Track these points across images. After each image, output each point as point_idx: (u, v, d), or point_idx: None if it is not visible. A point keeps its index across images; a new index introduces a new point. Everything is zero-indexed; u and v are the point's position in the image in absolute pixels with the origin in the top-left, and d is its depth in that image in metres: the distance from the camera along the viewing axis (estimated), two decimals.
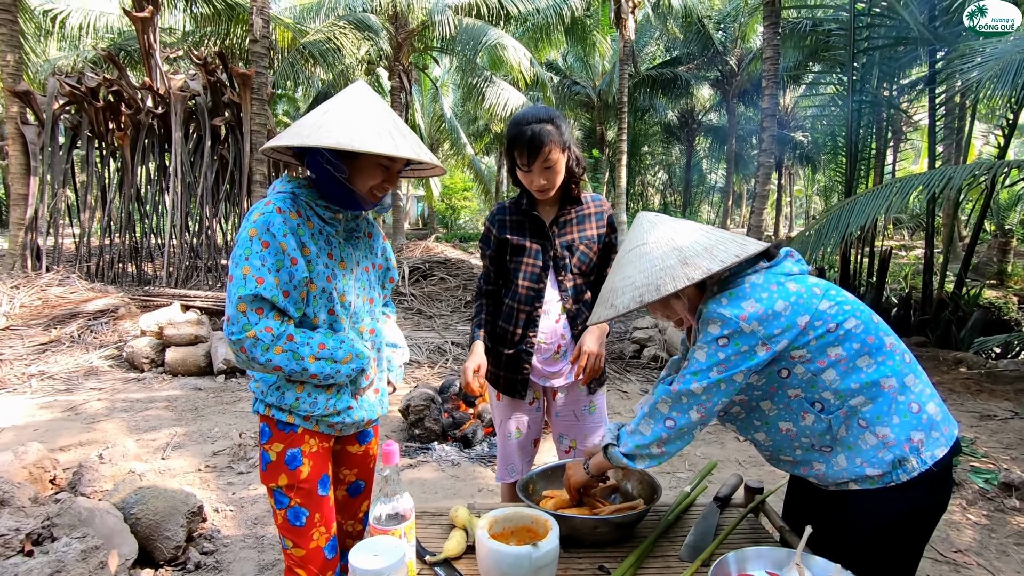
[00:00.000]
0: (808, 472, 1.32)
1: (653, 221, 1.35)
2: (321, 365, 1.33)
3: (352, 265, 1.46)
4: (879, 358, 1.22)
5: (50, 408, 4.17)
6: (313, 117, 1.33)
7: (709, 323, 1.20)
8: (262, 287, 1.26)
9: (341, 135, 1.26)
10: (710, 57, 17.68)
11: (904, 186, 5.20)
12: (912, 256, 14.80)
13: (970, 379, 4.89)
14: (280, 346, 1.28)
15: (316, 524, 1.43)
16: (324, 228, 1.40)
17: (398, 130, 1.35)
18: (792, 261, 1.30)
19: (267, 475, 1.43)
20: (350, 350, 1.39)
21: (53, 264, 8.17)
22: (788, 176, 27.41)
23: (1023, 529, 2.61)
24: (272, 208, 1.32)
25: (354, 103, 1.35)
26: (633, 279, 1.28)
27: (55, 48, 14.36)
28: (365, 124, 1.30)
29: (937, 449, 1.22)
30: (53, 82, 8.25)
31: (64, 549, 1.89)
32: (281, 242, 1.29)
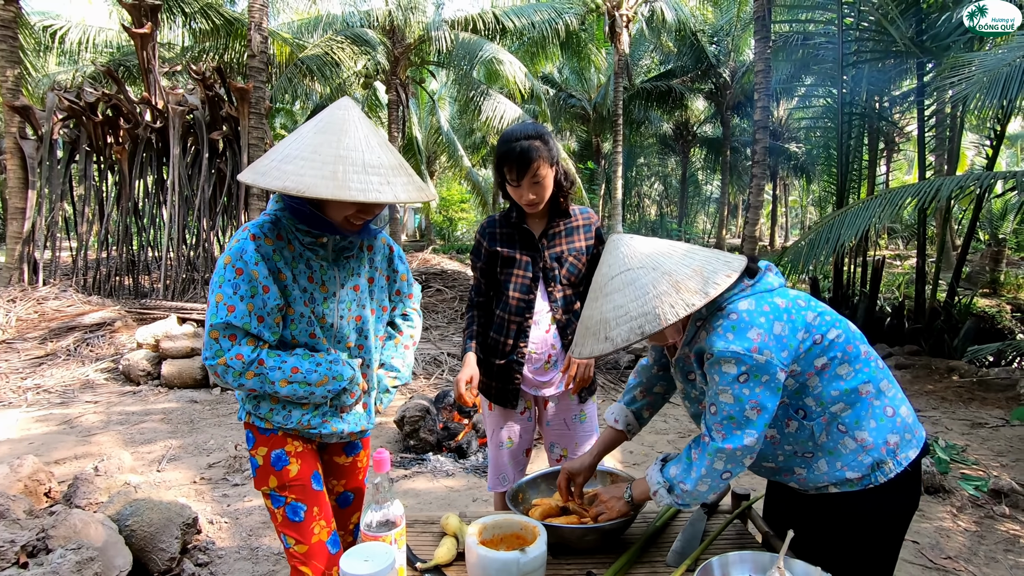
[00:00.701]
0: (790, 478, 1.35)
1: (631, 244, 1.31)
2: (293, 388, 1.36)
3: (335, 288, 1.46)
4: (857, 366, 1.26)
5: (46, 421, 4.17)
6: (281, 149, 1.31)
7: (722, 363, 1.18)
8: (232, 315, 1.30)
9: (288, 178, 1.23)
10: (704, 70, 17.89)
11: (893, 198, 5.28)
12: (906, 265, 14.89)
13: (962, 387, 4.93)
14: (252, 371, 1.32)
15: (316, 518, 1.44)
16: (304, 252, 1.41)
17: (365, 167, 1.29)
18: (772, 274, 1.32)
19: (258, 480, 1.45)
20: (326, 372, 1.39)
21: (50, 277, 8.19)
22: (783, 187, 27.65)
23: (1012, 536, 2.64)
24: (247, 235, 1.34)
25: (324, 132, 1.31)
26: (627, 309, 1.22)
27: (54, 63, 14.48)
28: (323, 163, 1.25)
29: (910, 451, 1.27)
30: (52, 97, 8.32)
31: (59, 561, 1.90)
32: (252, 270, 1.32)
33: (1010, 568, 2.41)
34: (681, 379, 1.40)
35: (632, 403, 1.60)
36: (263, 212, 1.44)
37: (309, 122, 1.35)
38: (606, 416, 1.62)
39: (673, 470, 1.30)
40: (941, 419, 4.20)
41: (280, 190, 1.22)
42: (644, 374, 1.62)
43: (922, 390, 4.97)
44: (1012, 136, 24.07)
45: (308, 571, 1.43)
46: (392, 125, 13.17)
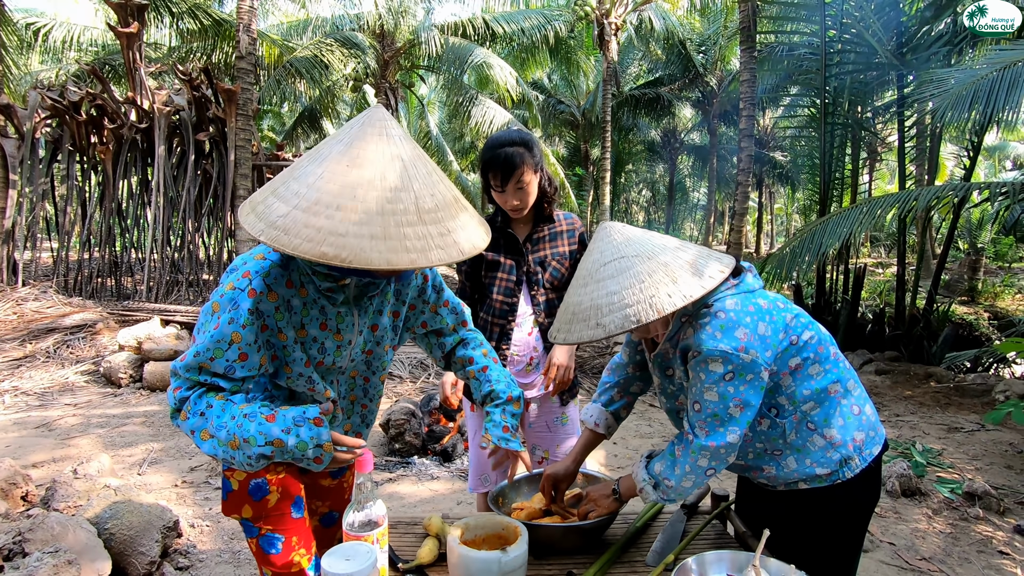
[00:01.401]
0: (759, 475, 1.39)
1: (624, 232, 1.30)
2: (213, 446, 1.12)
3: (351, 335, 1.27)
4: (827, 366, 1.31)
5: (23, 424, 4.10)
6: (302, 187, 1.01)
7: (709, 361, 1.20)
8: (182, 364, 1.14)
9: (325, 241, 0.95)
10: (691, 78, 18.11)
11: (873, 207, 5.39)
12: (888, 273, 15.15)
13: (939, 392, 5.03)
14: (184, 411, 1.14)
15: (295, 547, 1.29)
16: (319, 299, 1.22)
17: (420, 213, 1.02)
18: (752, 275, 1.36)
19: (229, 505, 1.26)
20: (234, 431, 1.10)
21: (30, 278, 8.05)
22: (769, 195, 28.01)
23: (985, 537, 2.70)
24: (246, 286, 1.13)
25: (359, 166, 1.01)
26: (621, 296, 1.20)
27: (37, 61, 14.28)
28: (367, 214, 0.98)
29: (874, 447, 1.33)
30: (35, 95, 8.21)
31: (35, 564, 1.88)
32: (235, 332, 1.11)
33: (983, 568, 2.47)
34: (659, 374, 1.41)
35: (610, 404, 1.62)
36: (267, 252, 1.19)
37: (334, 145, 1.05)
38: (584, 418, 1.64)
39: (658, 467, 1.33)
40: (919, 423, 4.28)
41: (317, 258, 0.94)
42: (619, 373, 1.63)
43: (901, 395, 5.06)
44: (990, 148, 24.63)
45: None
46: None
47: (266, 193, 1.06)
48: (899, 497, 3.03)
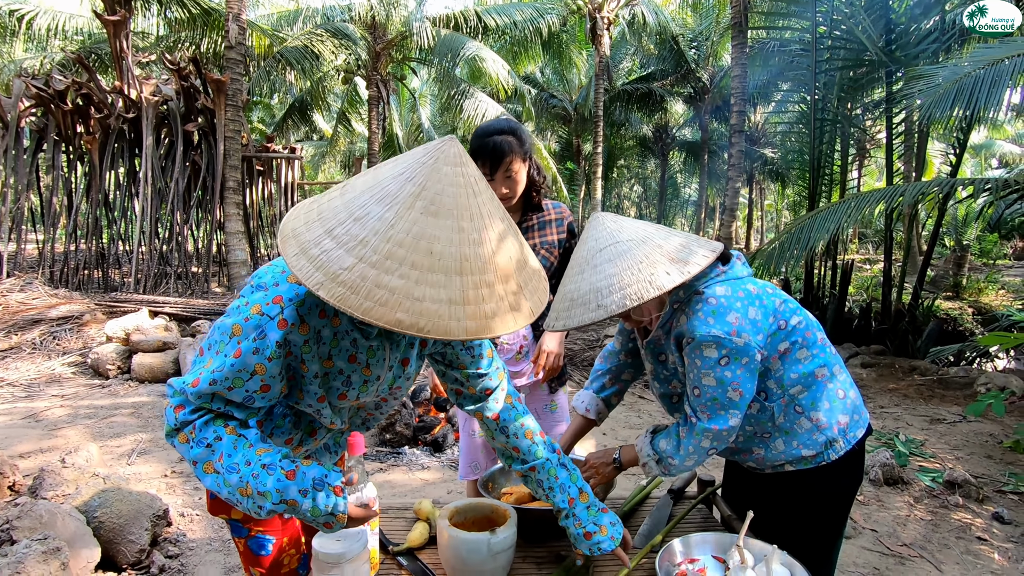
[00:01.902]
0: (748, 457, 1.42)
1: (618, 221, 1.32)
2: (215, 482, 1.02)
3: (381, 371, 1.18)
4: (814, 351, 1.34)
5: (9, 415, 4.06)
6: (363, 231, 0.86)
7: (704, 347, 1.22)
8: (195, 388, 1.02)
9: (400, 307, 0.83)
10: (683, 74, 18.14)
11: (859, 202, 5.45)
12: (875, 269, 15.32)
13: (923, 385, 5.11)
14: (184, 434, 1.04)
15: (285, 548, 1.28)
16: (352, 331, 1.11)
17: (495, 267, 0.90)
18: (740, 263, 1.38)
19: (216, 504, 1.23)
20: (247, 480, 1.00)
21: (15, 270, 7.95)
22: (759, 191, 28.19)
23: (963, 524, 2.76)
24: (277, 315, 1.00)
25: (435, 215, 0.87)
26: (621, 278, 1.21)
27: (21, 49, 14.03)
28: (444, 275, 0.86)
29: (858, 430, 1.37)
30: (19, 83, 8.08)
31: (24, 551, 1.88)
32: (259, 363, 1.00)
33: (961, 554, 2.53)
34: (652, 360, 1.44)
35: (602, 391, 1.65)
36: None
37: (404, 184, 0.89)
38: (575, 404, 1.67)
39: (663, 444, 1.37)
40: (903, 415, 4.36)
41: (391, 326, 0.82)
42: (611, 360, 1.66)
43: (885, 388, 5.14)
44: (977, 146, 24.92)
45: None
46: (372, 122, 13.08)
47: (318, 232, 0.89)
48: (882, 485, 3.09)
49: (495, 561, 1.28)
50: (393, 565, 1.38)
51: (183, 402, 1.04)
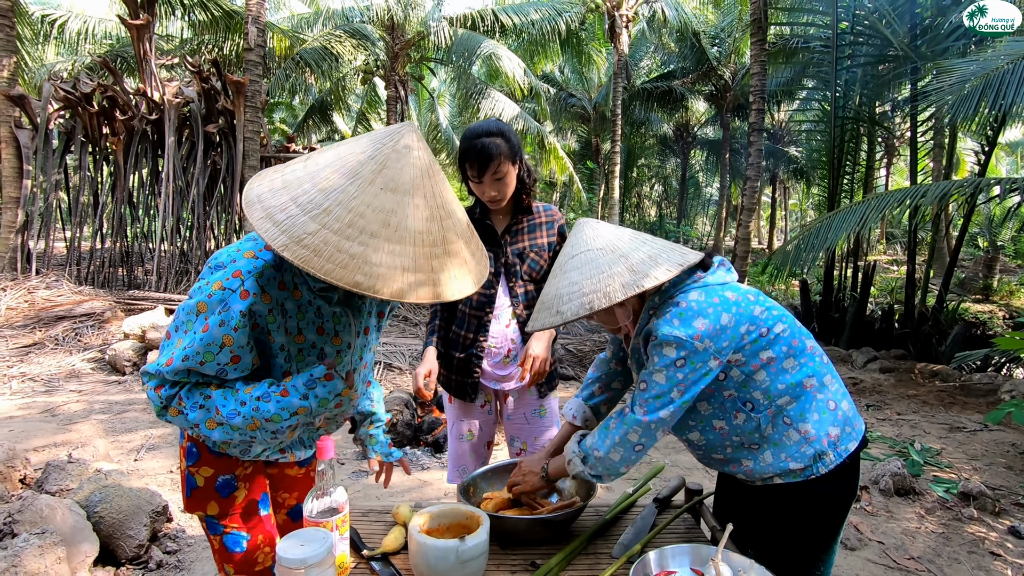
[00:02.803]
0: (737, 469, 1.38)
1: (596, 228, 1.35)
2: (224, 432, 1.11)
3: (349, 338, 1.24)
4: (802, 360, 1.30)
5: (28, 409, 4.19)
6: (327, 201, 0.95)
7: (664, 346, 1.22)
8: (169, 368, 1.08)
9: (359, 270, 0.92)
10: (705, 71, 17.88)
11: (880, 202, 5.30)
12: (902, 271, 14.90)
13: (944, 391, 4.94)
14: (174, 408, 1.11)
15: (260, 546, 1.30)
16: (315, 300, 1.17)
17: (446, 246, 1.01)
18: (724, 270, 1.36)
19: (192, 502, 1.25)
20: (252, 415, 1.09)
21: (43, 267, 8.21)
22: (783, 190, 27.64)
23: (977, 538, 2.66)
24: (238, 287, 1.06)
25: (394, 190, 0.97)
26: (580, 286, 1.27)
27: (54, 53, 14.49)
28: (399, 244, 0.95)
29: (850, 443, 1.31)
30: (48, 87, 8.33)
31: (21, 545, 1.92)
32: (226, 335, 1.06)
33: (972, 569, 2.43)
34: (636, 368, 1.43)
35: (590, 399, 1.63)
36: (258, 250, 1.11)
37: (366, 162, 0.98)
38: (564, 412, 1.64)
39: (590, 440, 1.36)
40: (920, 422, 4.22)
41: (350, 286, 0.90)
42: (602, 368, 1.65)
43: (904, 394, 4.99)
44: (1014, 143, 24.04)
45: None
46: (391, 122, 13.18)
47: (283, 198, 0.97)
48: (892, 496, 2.99)
49: (464, 569, 1.26)
50: (366, 569, 1.37)
51: (161, 382, 1.10)
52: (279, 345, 1.14)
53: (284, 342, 1.14)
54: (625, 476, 3.28)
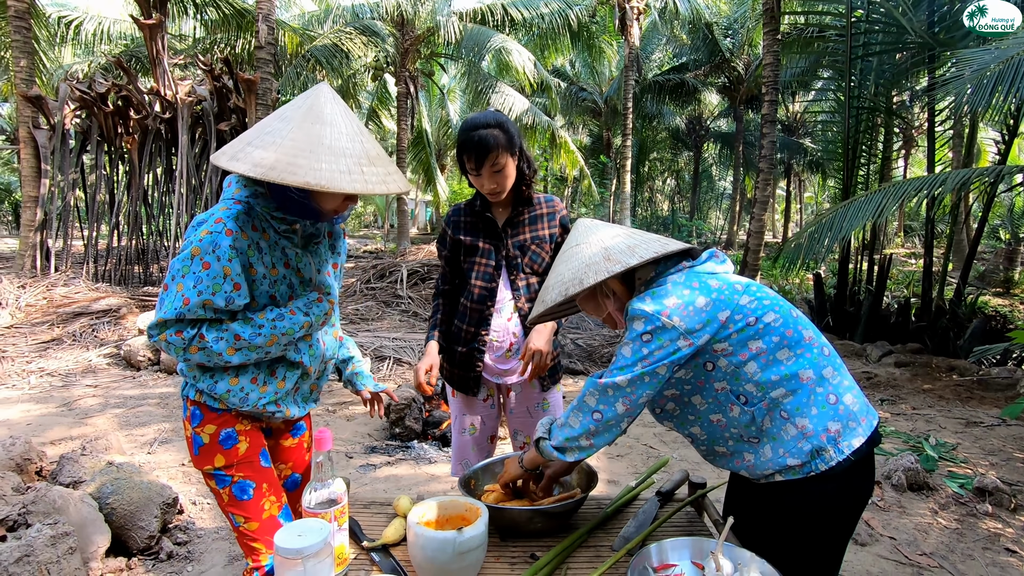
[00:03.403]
0: (740, 465, 1.36)
1: (589, 226, 1.42)
2: (245, 354, 1.33)
3: (310, 274, 1.46)
4: (798, 351, 1.27)
5: (46, 403, 4.28)
6: (274, 135, 1.25)
7: (633, 320, 1.25)
8: (187, 307, 1.26)
9: (310, 171, 1.19)
10: (717, 63, 17.68)
11: (896, 192, 5.18)
12: (920, 264, 14.63)
13: (961, 386, 4.85)
14: (195, 346, 1.28)
15: (265, 494, 1.43)
16: (280, 240, 1.39)
17: (366, 155, 1.29)
18: (716, 260, 1.36)
19: (201, 458, 1.41)
20: (271, 332, 1.34)
21: (61, 265, 8.36)
22: (798, 183, 27.27)
23: (992, 534, 2.60)
24: (222, 228, 1.28)
25: (320, 122, 1.26)
26: (562, 275, 1.35)
27: (70, 54, 14.71)
28: (333, 155, 1.23)
29: (855, 439, 1.25)
30: (64, 87, 8.46)
31: (34, 535, 1.96)
32: (225, 266, 1.27)
33: (987, 565, 2.38)
34: None
35: None
36: (230, 198, 1.35)
37: (295, 111, 1.28)
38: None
39: (559, 419, 1.38)
40: (936, 417, 4.15)
41: (304, 186, 1.17)
42: None
43: (919, 388, 4.90)
44: None
45: (261, 546, 1.42)
46: (401, 118, 13.21)
47: (241, 145, 1.25)
48: (905, 491, 2.94)
49: (462, 560, 1.26)
50: (366, 561, 1.38)
51: (180, 328, 1.28)
52: (261, 275, 1.36)
53: (264, 272, 1.37)
54: (629, 470, 3.27)
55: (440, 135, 19.63)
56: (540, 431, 1.41)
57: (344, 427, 3.92)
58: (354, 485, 3.03)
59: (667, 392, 1.35)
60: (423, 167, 16.29)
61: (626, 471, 3.31)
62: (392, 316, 7.40)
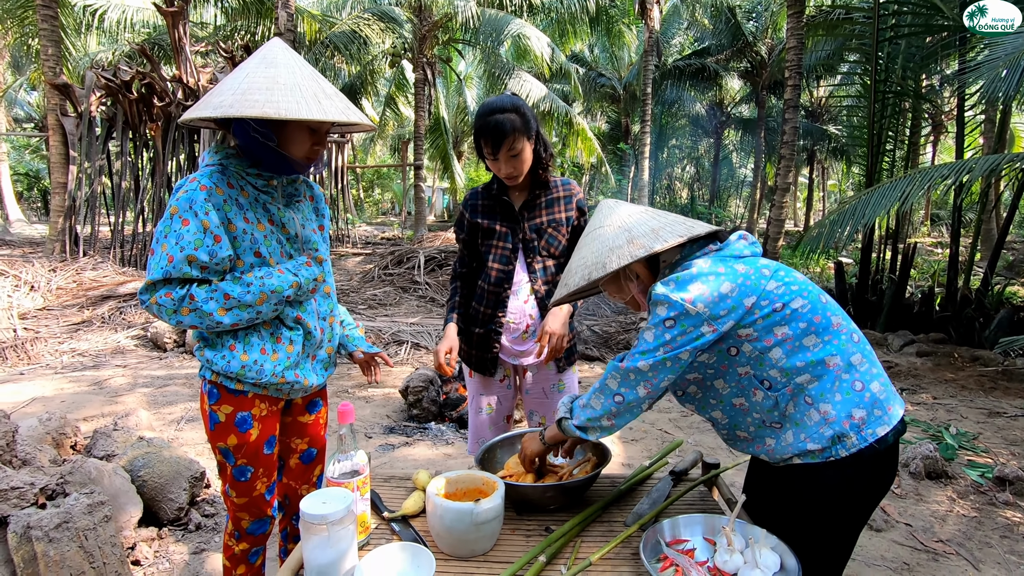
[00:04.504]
0: (761, 449, 1.35)
1: (612, 206, 1.40)
2: (235, 314, 1.36)
3: (295, 229, 1.50)
4: (825, 337, 1.24)
5: (78, 382, 4.43)
6: (232, 83, 1.32)
7: (657, 305, 1.24)
8: (171, 265, 1.30)
9: (267, 104, 1.26)
10: (740, 48, 17.30)
11: (923, 178, 5.07)
12: (946, 254, 14.29)
13: (984, 376, 4.77)
14: (186, 307, 1.31)
15: (260, 477, 1.54)
16: (260, 196, 1.43)
17: (323, 91, 1.37)
18: (745, 244, 1.33)
19: (216, 434, 1.49)
20: (260, 290, 1.38)
21: (90, 250, 8.58)
22: (821, 170, 26.68)
23: (1011, 523, 2.58)
24: (196, 185, 1.33)
25: (274, 66, 1.35)
26: (585, 259, 1.34)
27: (95, 42, 14.94)
28: (289, 90, 1.30)
29: (879, 428, 1.23)
30: (90, 75, 8.63)
31: (72, 503, 2.05)
32: (203, 220, 1.31)
33: (1004, 553, 2.37)
34: None
35: None
36: (204, 164, 1.41)
37: (249, 63, 1.38)
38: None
39: (581, 399, 1.40)
40: (957, 407, 4.09)
41: (261, 115, 1.24)
42: None
43: (941, 378, 4.83)
44: None
45: (244, 515, 1.58)
46: (419, 104, 13.21)
47: (205, 99, 1.34)
48: (923, 479, 2.93)
49: (479, 531, 1.30)
50: (387, 530, 1.43)
51: (168, 289, 1.31)
52: (242, 230, 1.39)
53: (246, 227, 1.40)
54: (644, 454, 3.30)
55: (457, 122, 19.59)
56: (562, 410, 1.43)
57: (363, 407, 4.01)
58: (373, 463, 3.10)
59: (689, 376, 1.35)
60: (440, 154, 16.30)
61: (641, 455, 3.34)
62: (409, 302, 7.48)
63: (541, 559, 1.26)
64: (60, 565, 1.89)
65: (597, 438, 1.38)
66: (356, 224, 17.01)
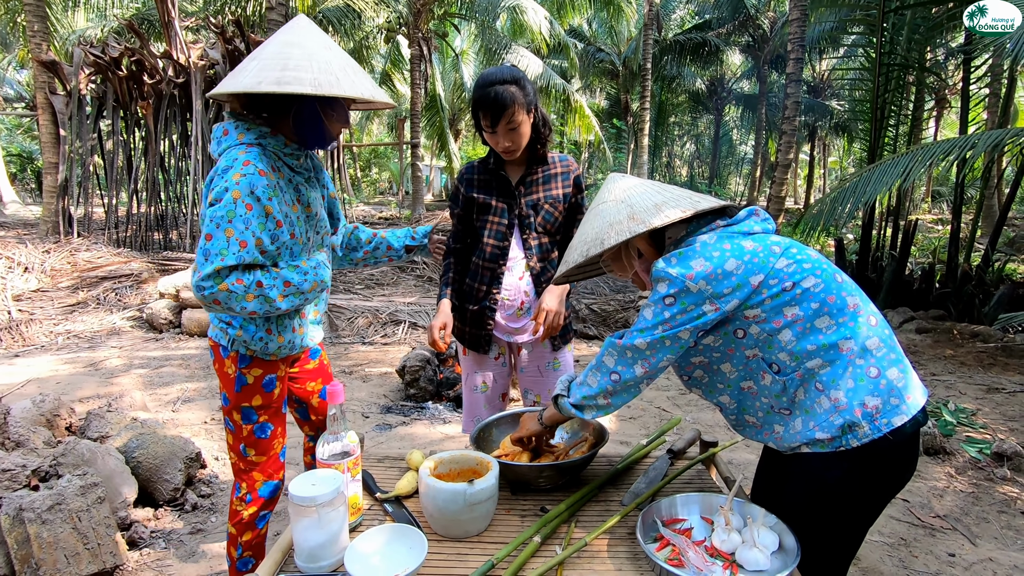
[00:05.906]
0: (769, 436, 1.29)
1: (617, 179, 1.36)
2: (291, 300, 1.42)
3: (317, 208, 1.55)
4: (840, 319, 1.17)
5: (73, 364, 4.41)
6: (276, 60, 1.33)
7: (657, 281, 1.20)
8: (244, 251, 1.30)
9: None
10: (741, 21, 17.01)
11: (925, 154, 4.99)
12: (947, 231, 14.22)
13: (984, 352, 4.76)
14: (252, 293, 1.34)
15: (278, 436, 1.62)
16: (294, 178, 1.47)
17: (352, 68, 1.43)
18: (756, 220, 1.27)
19: (241, 395, 1.54)
20: (315, 279, 1.47)
21: (83, 230, 8.50)
22: (823, 147, 26.43)
23: (1009, 498, 2.59)
24: (254, 169, 1.32)
25: (329, 48, 1.41)
26: (585, 235, 1.31)
27: (83, 19, 14.62)
28: (354, 71, 1.38)
29: (895, 417, 1.14)
30: (78, 52, 8.44)
31: (64, 485, 2.04)
32: (266, 205, 1.34)
33: (1001, 528, 2.37)
34: None
35: None
36: (238, 143, 1.38)
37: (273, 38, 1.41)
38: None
39: (578, 376, 1.37)
40: (956, 383, 4.09)
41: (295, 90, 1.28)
42: None
43: (941, 354, 4.83)
44: None
45: (259, 475, 1.62)
46: (415, 81, 12.98)
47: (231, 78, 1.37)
48: (920, 455, 2.92)
49: (473, 512, 1.28)
50: (380, 511, 1.41)
51: (240, 275, 1.32)
52: (283, 214, 1.40)
53: (285, 211, 1.41)
54: (642, 432, 3.29)
55: (454, 99, 19.31)
56: (559, 388, 1.40)
57: (360, 388, 3.99)
58: (369, 444, 3.10)
59: (695, 359, 1.29)
60: (436, 132, 16.09)
61: (638, 433, 3.33)
62: (407, 281, 7.44)
63: (536, 540, 1.24)
64: (54, 546, 1.88)
65: (593, 417, 1.35)
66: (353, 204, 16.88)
